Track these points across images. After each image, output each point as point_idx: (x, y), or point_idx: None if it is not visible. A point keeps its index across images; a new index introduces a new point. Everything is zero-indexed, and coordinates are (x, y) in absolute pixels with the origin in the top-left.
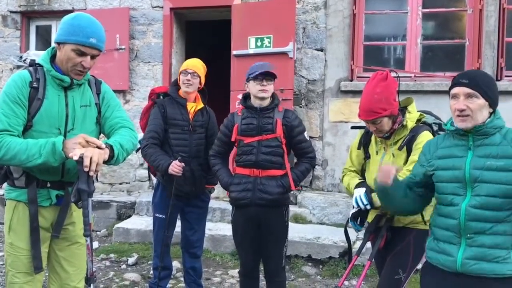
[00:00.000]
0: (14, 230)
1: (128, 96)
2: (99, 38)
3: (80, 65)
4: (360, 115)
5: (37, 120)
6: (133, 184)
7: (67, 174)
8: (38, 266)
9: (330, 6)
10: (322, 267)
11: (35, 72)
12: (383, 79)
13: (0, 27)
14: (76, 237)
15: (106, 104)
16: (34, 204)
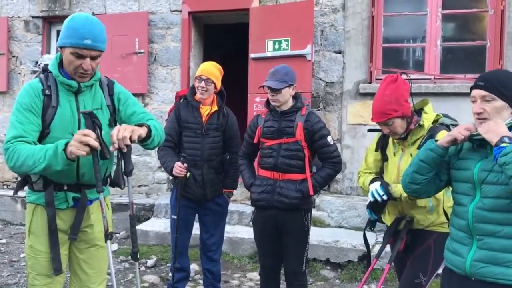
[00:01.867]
0: (33, 232)
1: (147, 99)
2: (94, 38)
3: (81, 68)
4: (373, 117)
5: (53, 127)
6: (151, 187)
7: (82, 177)
8: (58, 268)
9: (349, 8)
10: (340, 271)
11: (46, 80)
12: (393, 81)
13: (22, 32)
14: (94, 240)
15: (124, 103)
16: (52, 207)
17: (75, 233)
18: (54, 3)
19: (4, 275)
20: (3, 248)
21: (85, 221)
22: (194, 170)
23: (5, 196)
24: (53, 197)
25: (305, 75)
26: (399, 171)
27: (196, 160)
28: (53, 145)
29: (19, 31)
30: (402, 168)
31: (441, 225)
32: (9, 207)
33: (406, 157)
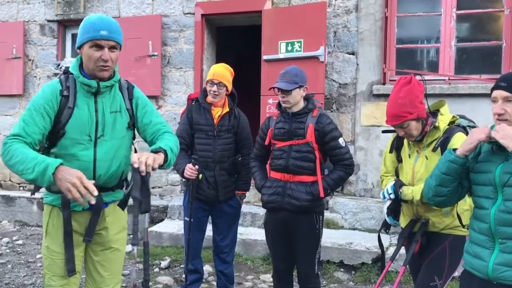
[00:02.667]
0: (50, 234)
1: (161, 101)
2: (110, 30)
3: (101, 60)
4: (387, 120)
5: (69, 128)
6: (165, 188)
7: (98, 179)
8: (71, 269)
9: (362, 9)
10: (354, 273)
11: (65, 80)
12: (407, 83)
13: (38, 35)
14: (110, 242)
15: (142, 109)
16: (67, 208)
17: (89, 235)
18: (69, 7)
19: (21, 275)
20: (19, 249)
21: (100, 224)
22: (206, 172)
23: (21, 198)
24: (69, 199)
25: (318, 76)
26: (414, 173)
27: (208, 162)
28: (44, 162)
29: (34, 34)
30: (417, 170)
31: (456, 228)
32: (25, 209)
33: (422, 159)
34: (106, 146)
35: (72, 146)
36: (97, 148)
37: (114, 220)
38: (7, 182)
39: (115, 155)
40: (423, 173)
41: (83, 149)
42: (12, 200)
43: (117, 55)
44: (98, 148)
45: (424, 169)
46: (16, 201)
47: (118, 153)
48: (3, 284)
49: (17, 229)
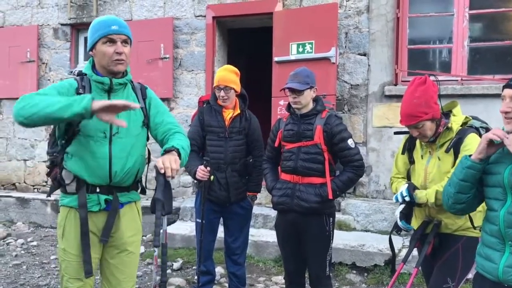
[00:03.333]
0: (66, 236)
1: (173, 104)
2: (120, 25)
3: (115, 54)
4: (401, 120)
5: (83, 125)
6: (177, 190)
7: (114, 177)
8: (89, 270)
9: (373, 10)
10: (367, 275)
11: (81, 81)
12: (422, 83)
13: (51, 39)
14: (125, 245)
15: (154, 109)
16: (84, 208)
17: (106, 236)
18: (82, 11)
19: (36, 276)
20: (34, 250)
21: (115, 225)
22: (217, 173)
23: (35, 200)
24: (86, 199)
25: (330, 77)
26: (427, 174)
27: (220, 163)
28: (79, 96)
29: (48, 38)
30: (429, 171)
31: (469, 229)
32: (39, 210)
33: (434, 160)
34: (121, 143)
35: (87, 143)
36: (112, 145)
37: (129, 222)
38: (21, 184)
39: (130, 152)
40: (436, 174)
41: (98, 146)
42: (27, 202)
43: (129, 50)
44: (113, 145)
45: (437, 170)
46: (31, 203)
47: (133, 151)
48: (18, 285)
49: (32, 231)
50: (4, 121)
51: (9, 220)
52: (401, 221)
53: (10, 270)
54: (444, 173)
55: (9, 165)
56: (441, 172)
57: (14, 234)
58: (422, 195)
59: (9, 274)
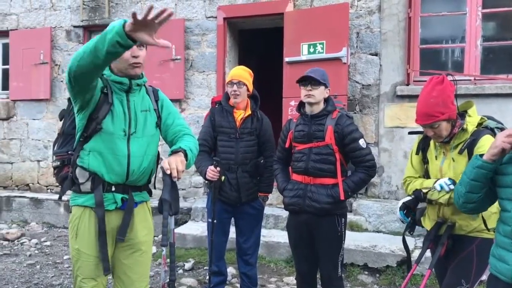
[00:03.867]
0: (80, 236)
1: (184, 105)
2: None
3: (132, 58)
4: (417, 119)
5: (105, 123)
6: (188, 190)
7: (131, 176)
8: (106, 268)
9: (385, 10)
10: (379, 276)
11: (101, 80)
12: (439, 82)
13: (64, 41)
14: (138, 244)
15: (166, 111)
16: (101, 207)
17: (122, 234)
18: (94, 13)
19: (49, 276)
20: (47, 250)
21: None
22: (228, 174)
23: (49, 200)
24: (102, 198)
25: (341, 78)
26: (442, 175)
27: (231, 164)
28: (112, 25)
29: (61, 40)
30: (444, 172)
31: (484, 231)
32: (52, 211)
33: (448, 161)
34: (138, 142)
35: (109, 141)
36: (130, 144)
37: (142, 222)
38: (35, 184)
39: (146, 152)
40: (451, 175)
41: (118, 144)
42: (40, 202)
43: (145, 53)
44: (131, 144)
45: (452, 171)
46: (44, 203)
47: (149, 150)
48: (32, 284)
49: (45, 231)
50: (18, 122)
51: (23, 220)
52: (399, 211)
53: (24, 270)
54: (459, 174)
55: (23, 166)
56: (456, 173)
57: (28, 234)
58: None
59: (23, 273)
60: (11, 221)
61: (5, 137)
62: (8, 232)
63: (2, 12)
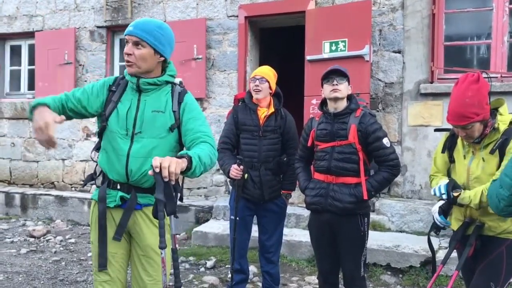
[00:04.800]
0: (93, 229)
1: (205, 104)
2: (136, 26)
3: (125, 55)
4: (449, 119)
5: (110, 121)
6: (210, 189)
7: (130, 175)
8: (103, 263)
9: (408, 7)
10: (402, 276)
11: (121, 78)
12: (475, 81)
13: (88, 41)
14: (147, 248)
15: (188, 115)
16: (103, 202)
17: (119, 234)
18: (117, 13)
19: (74, 272)
20: (72, 247)
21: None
22: (251, 172)
23: (73, 198)
24: (105, 193)
25: (363, 76)
26: (469, 174)
27: (253, 162)
28: (34, 100)
29: (85, 40)
30: (472, 172)
31: None
32: (77, 208)
33: (477, 161)
34: (141, 143)
35: (114, 139)
36: (133, 143)
37: (151, 225)
38: (60, 183)
39: (150, 154)
40: (480, 175)
41: (120, 143)
42: (65, 200)
43: (142, 52)
44: (134, 144)
45: (481, 171)
46: (69, 201)
47: (155, 153)
48: (57, 281)
49: (70, 228)
50: None
51: (48, 217)
52: (439, 216)
53: (50, 266)
54: (489, 174)
55: (48, 165)
56: (486, 174)
57: (53, 231)
58: (465, 195)
59: (49, 269)
60: (37, 218)
61: (31, 136)
62: (34, 229)
63: (28, 13)
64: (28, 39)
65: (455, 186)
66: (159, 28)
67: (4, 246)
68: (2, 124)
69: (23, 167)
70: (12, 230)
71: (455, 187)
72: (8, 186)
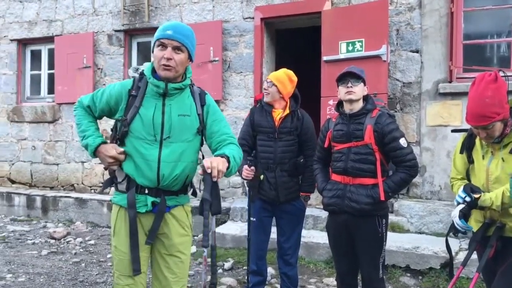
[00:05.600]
0: (117, 233)
1: (222, 105)
2: (175, 30)
3: (164, 59)
4: (469, 120)
5: (133, 127)
6: (227, 191)
7: (162, 180)
8: (136, 268)
9: (425, 6)
10: (421, 278)
11: (138, 81)
12: (493, 80)
13: (106, 45)
14: (173, 247)
15: (212, 117)
16: (133, 208)
17: (151, 238)
18: (134, 17)
19: (93, 274)
20: (91, 248)
21: (162, 228)
22: (267, 173)
23: (93, 200)
24: (135, 199)
25: (381, 76)
26: (489, 175)
27: (269, 163)
28: (89, 138)
29: (103, 44)
30: (491, 172)
31: None
32: (96, 210)
33: (497, 161)
34: (171, 147)
35: (139, 145)
36: (162, 149)
37: (177, 225)
38: (79, 185)
39: (180, 158)
40: (499, 175)
41: (148, 148)
42: (85, 202)
43: (182, 57)
44: (163, 149)
45: (500, 171)
46: (88, 203)
47: (184, 157)
48: (78, 282)
49: (89, 230)
50: (63, 125)
51: (68, 219)
52: (460, 220)
53: (70, 267)
54: (508, 174)
55: (68, 167)
56: (506, 174)
57: (73, 233)
58: (486, 197)
59: (69, 271)
60: (58, 220)
61: (51, 139)
62: (55, 231)
63: (48, 18)
64: (48, 44)
65: (473, 189)
66: (192, 33)
67: (26, 248)
68: (23, 127)
69: (44, 170)
70: (34, 232)
71: (473, 190)
72: (29, 188)
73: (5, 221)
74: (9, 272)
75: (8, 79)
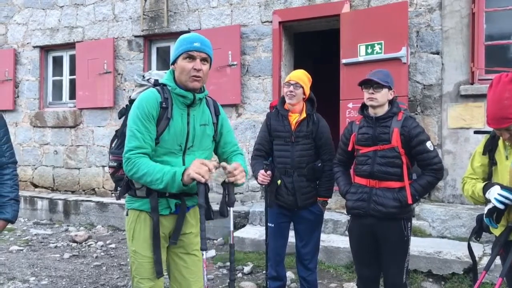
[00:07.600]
0: (137, 238)
1: (240, 109)
2: (202, 43)
3: (193, 70)
4: (490, 123)
5: (163, 138)
6: (246, 194)
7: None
8: (160, 271)
9: (446, 7)
10: (444, 284)
11: (163, 92)
12: (510, 81)
13: (126, 50)
14: (191, 246)
15: (225, 128)
16: (156, 212)
17: (175, 238)
18: (154, 22)
19: (114, 277)
20: (112, 252)
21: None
22: (285, 178)
23: (113, 204)
24: (157, 203)
25: (401, 78)
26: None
27: (287, 168)
28: (171, 171)
29: (123, 50)
30: None
31: None
32: (117, 214)
33: None
34: (194, 156)
35: (164, 154)
36: (186, 157)
37: (195, 225)
38: (100, 189)
39: None
40: None
41: (173, 157)
42: (106, 206)
43: (207, 68)
44: (187, 158)
45: None
46: (109, 207)
47: None
48: (99, 285)
49: (110, 234)
50: (84, 130)
51: (89, 223)
52: (486, 218)
53: (91, 271)
54: None
55: (89, 171)
56: None
57: (95, 236)
58: None
59: (91, 274)
60: (79, 224)
61: (73, 143)
62: (77, 234)
63: (69, 25)
64: (69, 50)
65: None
66: (210, 44)
67: (48, 251)
68: (45, 132)
69: (65, 174)
70: (56, 235)
71: None
72: (51, 192)
73: (28, 224)
74: (32, 275)
75: (31, 85)
